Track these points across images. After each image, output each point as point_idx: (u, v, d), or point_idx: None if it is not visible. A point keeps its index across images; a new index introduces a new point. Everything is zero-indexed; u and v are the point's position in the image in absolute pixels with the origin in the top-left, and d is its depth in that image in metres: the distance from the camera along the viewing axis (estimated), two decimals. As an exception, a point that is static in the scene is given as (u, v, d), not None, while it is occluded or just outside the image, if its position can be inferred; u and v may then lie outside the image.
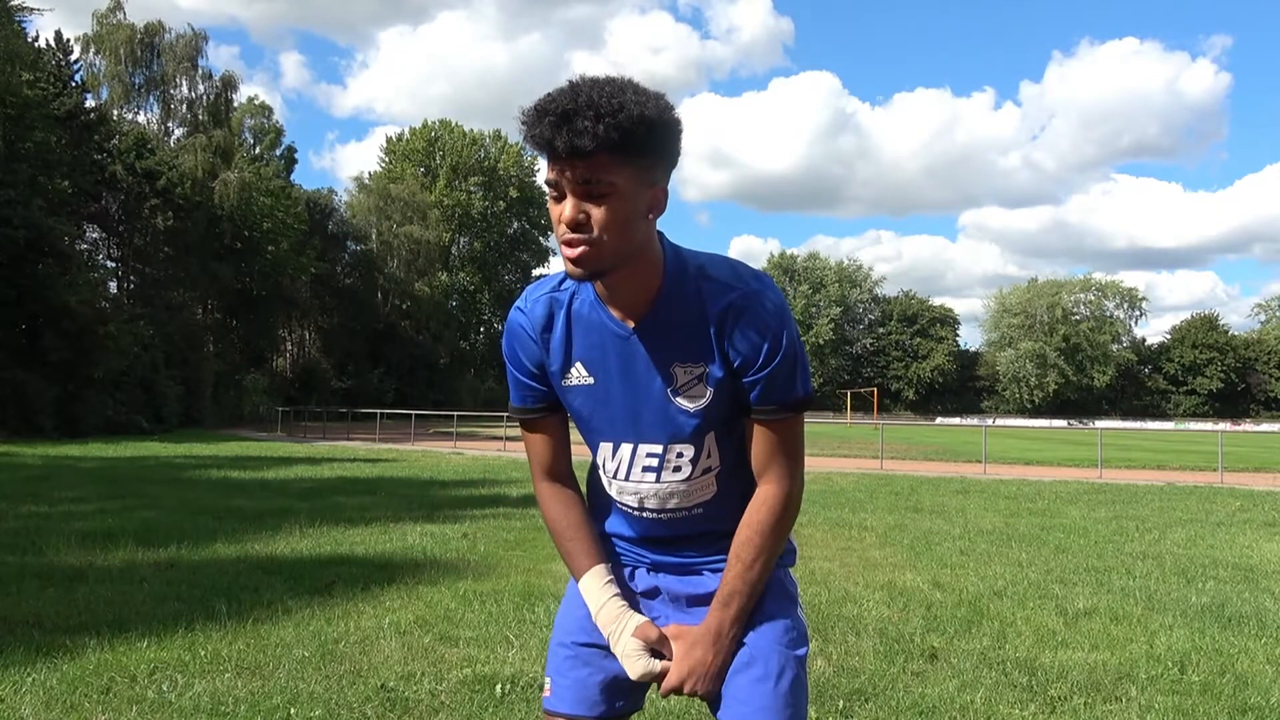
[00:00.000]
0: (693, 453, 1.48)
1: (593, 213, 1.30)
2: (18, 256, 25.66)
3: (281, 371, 54.89)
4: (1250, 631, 4.68)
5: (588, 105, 1.25)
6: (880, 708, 3.43)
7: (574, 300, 1.47)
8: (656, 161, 1.34)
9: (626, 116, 1.26)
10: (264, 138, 55.93)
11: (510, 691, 3.50)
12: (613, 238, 1.31)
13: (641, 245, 1.37)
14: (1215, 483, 14.98)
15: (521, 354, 1.52)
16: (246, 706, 3.26)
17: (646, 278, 1.40)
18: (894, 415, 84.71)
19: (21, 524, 7.76)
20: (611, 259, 1.33)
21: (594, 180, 1.28)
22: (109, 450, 19.77)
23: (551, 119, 1.26)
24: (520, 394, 1.56)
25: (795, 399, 1.44)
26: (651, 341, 1.43)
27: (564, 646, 1.57)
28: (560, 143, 1.26)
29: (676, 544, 1.57)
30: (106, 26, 41.31)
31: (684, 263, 1.43)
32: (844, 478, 14.88)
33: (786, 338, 1.41)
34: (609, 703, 1.54)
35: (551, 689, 1.56)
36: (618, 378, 1.46)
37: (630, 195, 1.31)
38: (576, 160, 1.27)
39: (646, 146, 1.30)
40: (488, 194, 72.37)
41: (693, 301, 1.41)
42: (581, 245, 1.31)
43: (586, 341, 1.46)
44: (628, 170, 1.29)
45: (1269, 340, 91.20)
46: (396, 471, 15.38)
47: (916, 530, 8.48)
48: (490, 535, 7.68)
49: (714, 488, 1.52)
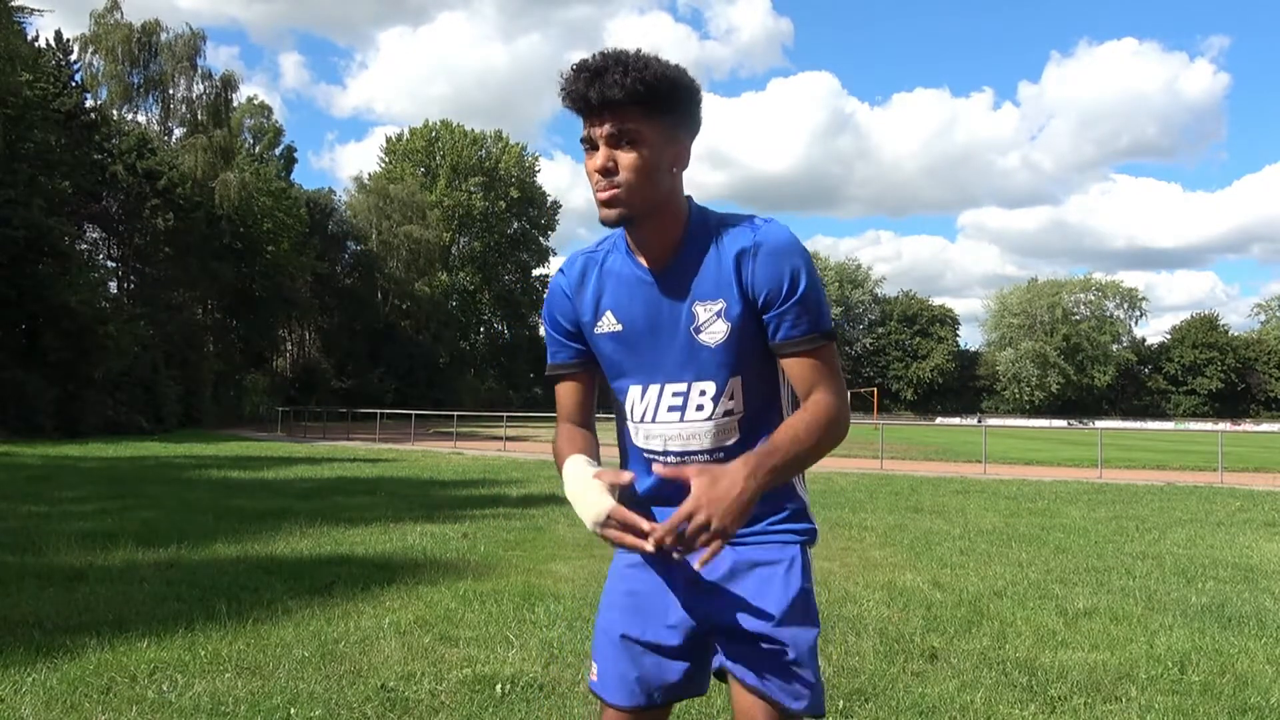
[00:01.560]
0: (714, 390, 1.56)
1: (620, 159, 1.45)
2: (18, 256, 25.65)
3: (281, 371, 54.89)
4: (1250, 631, 4.68)
5: (617, 62, 1.42)
6: (880, 708, 3.43)
7: (607, 257, 1.61)
8: (679, 120, 1.49)
9: (651, 74, 1.42)
10: (263, 137, 55.94)
11: (510, 691, 3.50)
12: (639, 183, 1.45)
13: (666, 196, 1.50)
14: (1215, 483, 14.99)
15: (558, 314, 1.65)
16: (246, 706, 3.26)
17: (671, 227, 1.53)
18: (894, 415, 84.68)
19: (21, 524, 7.76)
20: (639, 204, 1.47)
21: (621, 130, 1.43)
22: (109, 450, 19.77)
23: (586, 75, 1.43)
24: (555, 351, 1.68)
25: (828, 327, 1.55)
26: (674, 284, 1.55)
27: (609, 637, 1.63)
28: (594, 94, 1.42)
29: None
30: (104, 26, 41.26)
31: (706, 216, 1.57)
32: (844, 478, 14.87)
33: (807, 269, 1.51)
34: (649, 694, 1.60)
35: (599, 674, 1.63)
36: (643, 321, 1.57)
37: (655, 146, 1.45)
38: (606, 112, 1.43)
39: (669, 103, 1.45)
40: (488, 194, 72.31)
41: (712, 245, 1.54)
42: (611, 189, 1.45)
43: (616, 291, 1.59)
44: (652, 122, 1.44)
45: (1269, 340, 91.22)
46: (396, 471, 15.38)
47: (916, 530, 8.48)
48: (490, 535, 7.68)
49: (737, 433, 1.58)
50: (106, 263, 39.60)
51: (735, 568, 1.59)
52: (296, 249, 47.53)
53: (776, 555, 1.59)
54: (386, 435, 29.08)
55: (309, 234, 50.51)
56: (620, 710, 1.59)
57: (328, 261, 54.51)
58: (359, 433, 31.27)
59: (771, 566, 1.58)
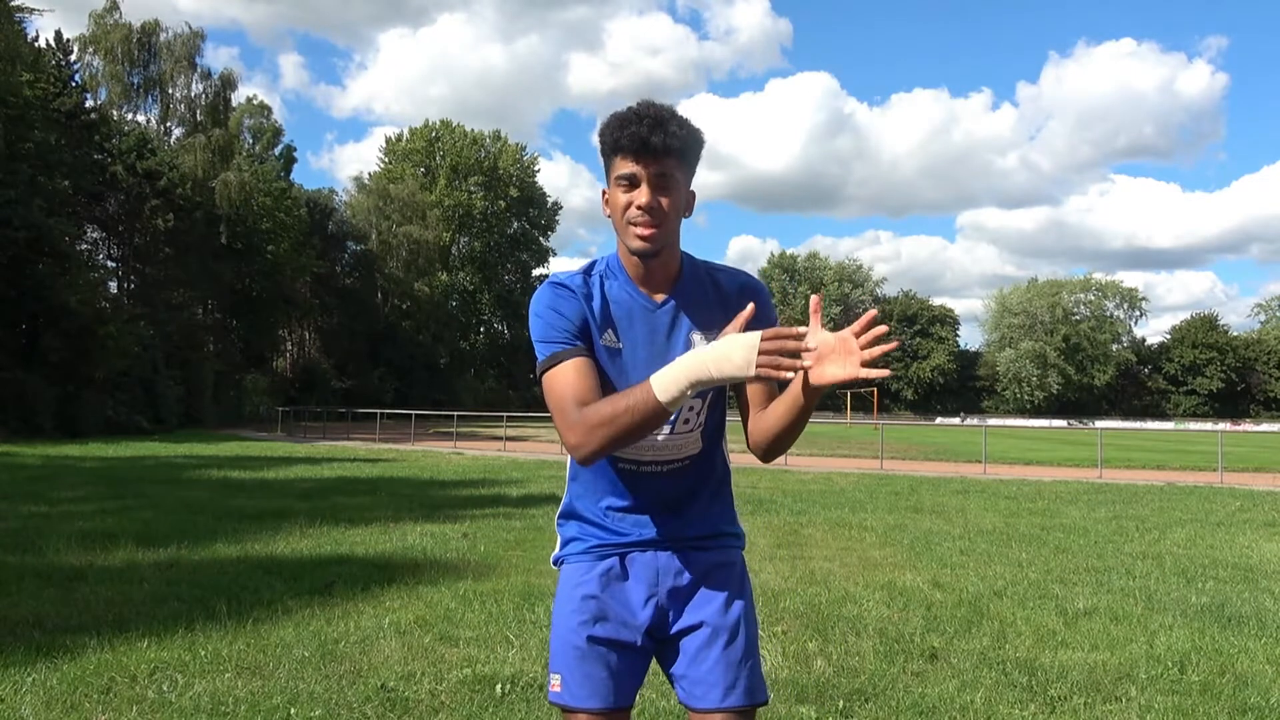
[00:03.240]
0: (700, 405, 1.72)
1: (663, 202, 1.62)
2: (18, 256, 25.66)
3: (281, 371, 54.87)
4: (1250, 631, 4.68)
5: (671, 117, 1.61)
6: (880, 708, 3.43)
7: (604, 282, 1.72)
8: (694, 168, 1.70)
9: (690, 130, 1.64)
10: (263, 137, 55.85)
11: (510, 691, 3.51)
12: (672, 223, 1.65)
13: (678, 234, 1.70)
14: (1215, 483, 14.98)
15: (567, 310, 1.68)
16: (246, 706, 3.26)
17: (672, 262, 1.71)
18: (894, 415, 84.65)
19: (21, 524, 7.77)
20: (667, 241, 1.65)
21: (666, 175, 1.61)
22: (109, 450, 19.77)
23: (649, 121, 1.59)
24: (559, 339, 1.65)
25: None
26: (674, 314, 1.70)
27: (572, 643, 1.68)
28: (656, 140, 1.58)
29: (679, 503, 1.73)
30: (104, 26, 41.25)
31: (691, 257, 1.76)
32: (844, 478, 14.88)
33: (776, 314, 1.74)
34: (618, 693, 1.66)
35: (561, 685, 1.67)
36: (643, 343, 1.69)
37: (682, 191, 1.65)
38: (660, 157, 1.60)
39: (696, 154, 1.67)
40: (488, 194, 72.25)
41: (708, 283, 1.73)
42: (654, 227, 1.62)
43: (618, 312, 1.70)
44: (684, 171, 1.65)
45: (1269, 340, 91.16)
46: (396, 471, 15.38)
47: (916, 530, 8.48)
48: (490, 535, 7.68)
49: (700, 444, 1.74)
50: (106, 263, 39.67)
51: (694, 569, 1.71)
52: (296, 249, 47.51)
53: (732, 559, 1.76)
54: (386, 435, 29.08)
55: (309, 234, 50.49)
56: (591, 713, 1.64)
57: (327, 261, 54.50)
58: (359, 433, 31.27)
59: (728, 569, 1.74)
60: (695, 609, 1.69)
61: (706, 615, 1.67)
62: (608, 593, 1.69)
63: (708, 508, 1.75)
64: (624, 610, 1.68)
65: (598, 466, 1.73)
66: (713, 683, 1.63)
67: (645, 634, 1.68)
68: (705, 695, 1.63)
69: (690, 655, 1.66)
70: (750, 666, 1.66)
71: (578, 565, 1.74)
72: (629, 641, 1.67)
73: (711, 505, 1.76)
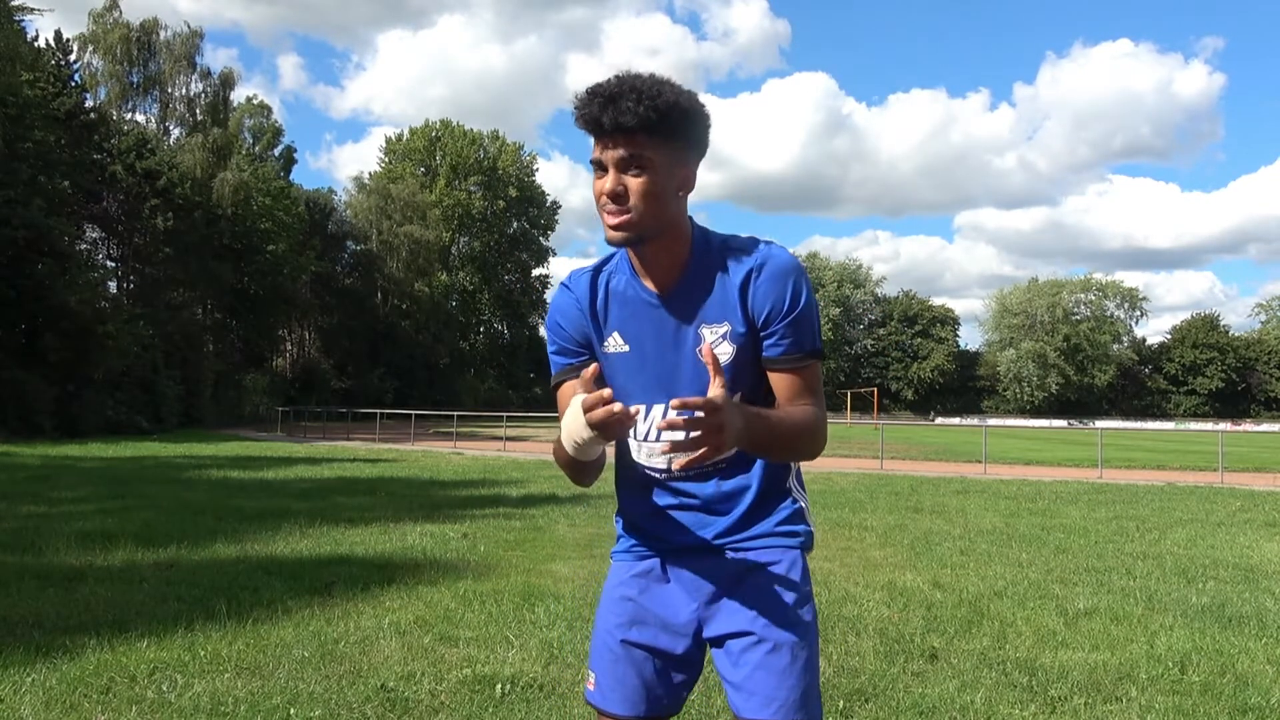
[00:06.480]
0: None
1: (630, 185, 1.46)
2: (18, 256, 25.65)
3: (281, 371, 54.84)
4: (1250, 631, 4.68)
5: (631, 89, 1.43)
6: (880, 708, 3.43)
7: (611, 278, 1.62)
8: (687, 145, 1.51)
9: (664, 101, 1.44)
10: (262, 137, 55.87)
11: (510, 691, 3.50)
12: (647, 207, 1.47)
13: (673, 219, 1.52)
14: (1215, 483, 14.98)
15: (567, 325, 1.64)
16: (246, 706, 3.26)
17: (676, 250, 1.55)
18: (894, 415, 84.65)
19: (21, 524, 7.76)
20: (646, 227, 1.48)
21: (633, 155, 1.45)
22: (109, 450, 19.76)
23: (600, 99, 1.44)
24: (563, 359, 1.65)
25: (817, 346, 1.58)
26: (680, 306, 1.56)
27: (607, 644, 1.63)
28: (607, 119, 1.43)
29: (720, 506, 1.62)
30: (103, 26, 41.25)
31: (709, 239, 1.59)
32: (844, 478, 14.87)
33: (806, 290, 1.55)
34: (649, 701, 1.59)
35: (596, 684, 1.63)
36: (651, 342, 1.58)
37: (663, 171, 1.47)
38: (619, 136, 1.44)
39: (679, 130, 1.48)
40: (488, 194, 72.26)
41: (717, 269, 1.56)
42: (621, 214, 1.46)
43: (622, 313, 1.60)
44: (662, 149, 1.46)
45: (1269, 340, 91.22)
46: (396, 472, 15.37)
47: (916, 530, 8.47)
48: (490, 535, 7.67)
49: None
50: (106, 263, 39.63)
51: (738, 572, 1.60)
52: (296, 249, 47.50)
53: (778, 558, 1.62)
54: (386, 435, 29.06)
55: (309, 234, 50.49)
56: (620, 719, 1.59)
57: (327, 261, 54.49)
58: (359, 433, 31.25)
59: (775, 570, 1.60)
60: (738, 613, 1.58)
61: (749, 620, 1.57)
62: (646, 595, 1.63)
63: (757, 508, 1.62)
64: (664, 613, 1.61)
65: (628, 469, 1.68)
66: (751, 690, 1.53)
67: (690, 639, 1.60)
68: (744, 704, 1.53)
69: (733, 661, 1.57)
70: (797, 674, 1.52)
71: (621, 564, 1.70)
72: (667, 649, 1.60)
73: (761, 505, 1.62)
